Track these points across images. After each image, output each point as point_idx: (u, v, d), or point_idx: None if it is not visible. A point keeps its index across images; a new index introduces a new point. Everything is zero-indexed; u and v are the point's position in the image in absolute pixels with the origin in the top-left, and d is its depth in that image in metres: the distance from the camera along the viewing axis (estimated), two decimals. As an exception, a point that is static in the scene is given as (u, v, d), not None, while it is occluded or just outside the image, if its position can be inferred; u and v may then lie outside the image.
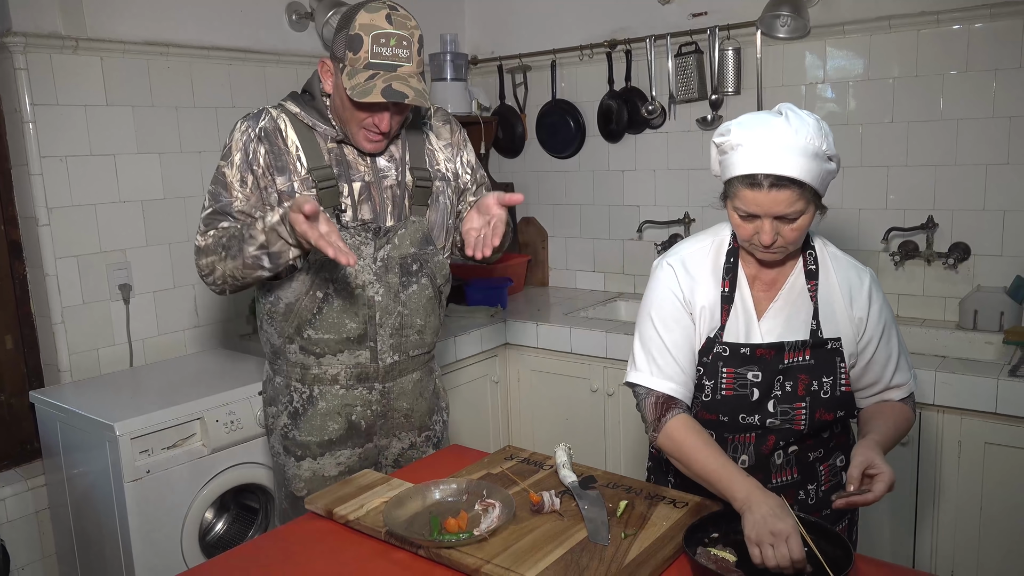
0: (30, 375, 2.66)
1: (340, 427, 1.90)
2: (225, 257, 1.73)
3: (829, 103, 2.94)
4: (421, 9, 3.75)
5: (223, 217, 1.79)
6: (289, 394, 1.91)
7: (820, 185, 1.44)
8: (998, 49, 2.58)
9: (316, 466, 1.91)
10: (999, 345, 2.55)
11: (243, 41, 2.97)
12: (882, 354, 1.58)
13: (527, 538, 1.42)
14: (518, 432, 3.26)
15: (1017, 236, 2.64)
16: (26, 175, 2.49)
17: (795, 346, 1.54)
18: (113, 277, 2.68)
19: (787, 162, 1.39)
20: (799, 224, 1.45)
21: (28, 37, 2.42)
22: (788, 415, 1.54)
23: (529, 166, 3.80)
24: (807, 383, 1.53)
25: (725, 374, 1.55)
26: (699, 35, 3.13)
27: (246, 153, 1.78)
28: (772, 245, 1.47)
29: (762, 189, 1.41)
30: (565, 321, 3.09)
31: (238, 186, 1.79)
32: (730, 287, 1.57)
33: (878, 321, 1.57)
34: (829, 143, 1.44)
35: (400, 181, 1.87)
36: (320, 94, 1.83)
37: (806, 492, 1.61)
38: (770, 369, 1.54)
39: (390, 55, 1.66)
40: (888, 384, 1.60)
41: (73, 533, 2.48)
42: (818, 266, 1.57)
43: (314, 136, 1.81)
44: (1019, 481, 2.19)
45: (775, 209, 1.42)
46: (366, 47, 1.65)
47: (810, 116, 1.45)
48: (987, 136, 2.65)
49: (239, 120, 1.83)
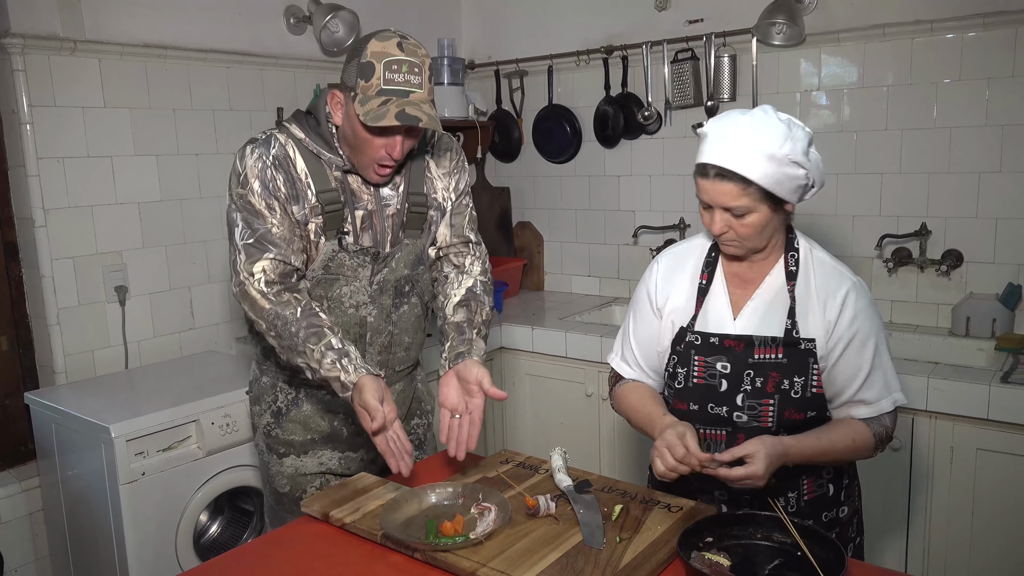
0: (25, 376, 2.65)
1: (322, 429, 1.92)
2: (275, 337, 1.72)
3: (824, 110, 2.95)
4: (419, 14, 3.78)
5: (267, 247, 1.73)
6: (274, 393, 1.92)
7: (774, 186, 1.46)
8: (991, 58, 2.60)
9: (298, 463, 1.92)
10: (991, 352, 2.57)
11: (241, 44, 2.98)
12: (849, 364, 1.55)
13: (522, 542, 1.42)
14: (513, 436, 3.26)
15: (1009, 243, 2.66)
16: (23, 176, 2.49)
17: (765, 341, 1.56)
18: (109, 279, 2.68)
19: (734, 156, 1.45)
20: (749, 221, 1.50)
21: (26, 38, 2.42)
22: (756, 410, 1.56)
23: (525, 171, 3.81)
24: (777, 380, 1.55)
25: (696, 362, 1.60)
26: (695, 42, 3.15)
27: (264, 181, 1.74)
28: (723, 236, 1.54)
29: (708, 178, 1.49)
30: (560, 325, 3.10)
31: (267, 212, 1.74)
32: (707, 280, 1.65)
33: (848, 328, 1.55)
34: (796, 149, 1.46)
35: (400, 208, 1.87)
36: (326, 120, 1.80)
37: (786, 499, 1.61)
38: (739, 361, 1.56)
39: (402, 81, 1.66)
40: (852, 397, 1.57)
41: (67, 535, 2.48)
42: (799, 268, 1.59)
43: (320, 163, 1.79)
44: (1011, 487, 2.20)
45: (720, 200, 1.49)
46: (378, 74, 1.64)
47: (783, 120, 1.48)
48: (980, 144, 2.67)
49: (248, 146, 1.78)
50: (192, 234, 2.90)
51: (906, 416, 2.33)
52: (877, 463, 2.38)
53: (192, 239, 2.90)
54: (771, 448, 1.44)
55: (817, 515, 1.61)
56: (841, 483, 1.65)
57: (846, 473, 1.67)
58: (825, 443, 1.52)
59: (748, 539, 1.41)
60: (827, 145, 2.95)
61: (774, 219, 1.53)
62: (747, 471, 1.41)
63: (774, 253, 1.61)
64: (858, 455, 1.57)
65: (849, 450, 1.55)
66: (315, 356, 1.66)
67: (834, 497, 1.64)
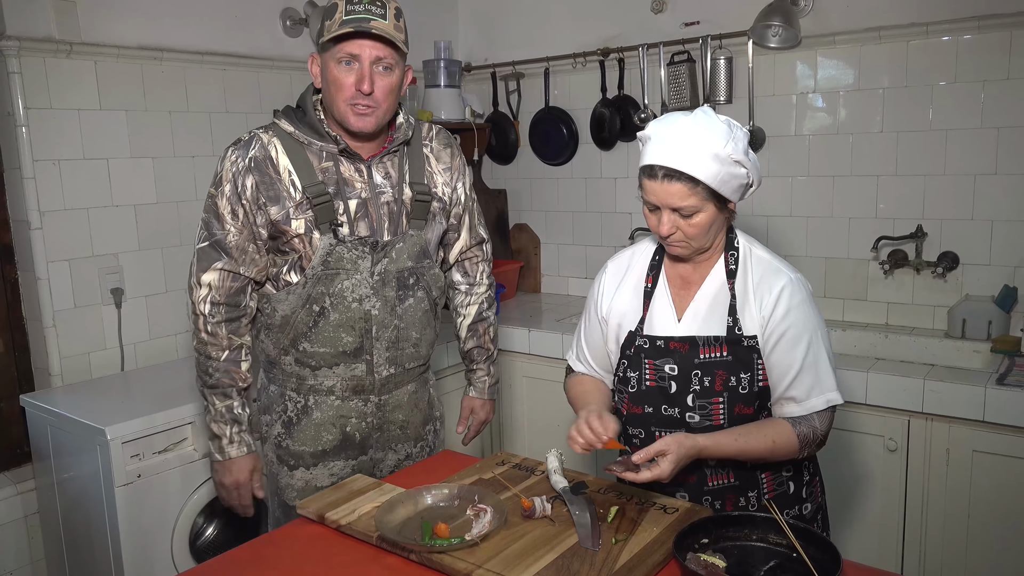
0: (21, 379, 2.65)
1: (334, 438, 1.90)
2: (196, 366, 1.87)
3: (819, 112, 2.96)
4: (415, 17, 3.77)
5: (218, 254, 1.78)
6: (283, 403, 1.91)
7: (720, 185, 1.49)
8: (986, 60, 2.61)
9: (309, 476, 1.91)
10: (987, 354, 2.57)
11: (237, 46, 2.98)
12: (780, 360, 1.56)
13: (518, 543, 1.42)
14: (510, 438, 3.26)
15: (1005, 246, 2.67)
16: (18, 179, 2.49)
17: (709, 341, 1.58)
18: (105, 281, 2.67)
19: (681, 157, 1.47)
20: (697, 221, 1.53)
21: (22, 41, 2.42)
22: (707, 410, 1.58)
23: (522, 173, 3.81)
24: (725, 378, 1.57)
25: (647, 366, 1.62)
26: (691, 44, 3.15)
27: (235, 185, 1.77)
28: (670, 237, 1.56)
29: (657, 179, 1.51)
30: (557, 327, 3.10)
31: (230, 218, 1.78)
32: (653, 282, 1.68)
33: (780, 323, 1.55)
34: (737, 148, 1.49)
35: (397, 198, 1.87)
36: (312, 108, 1.83)
37: (747, 499, 1.62)
38: (686, 363, 1.58)
39: (363, 11, 1.70)
40: (782, 394, 1.58)
41: (63, 538, 2.47)
42: (738, 266, 1.61)
43: (306, 155, 1.80)
44: (1007, 489, 2.21)
45: (669, 200, 1.51)
46: (340, 9, 1.70)
47: (724, 121, 1.51)
48: (975, 146, 2.67)
49: (230, 147, 1.82)
50: (188, 236, 2.89)
51: (902, 418, 2.33)
52: (873, 465, 2.39)
53: (188, 241, 2.88)
54: (684, 450, 1.46)
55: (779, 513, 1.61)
56: (802, 480, 1.67)
57: (806, 469, 1.68)
58: (742, 443, 1.52)
59: (743, 540, 1.42)
60: (823, 147, 2.97)
61: (719, 218, 1.56)
62: (653, 473, 1.43)
63: (716, 253, 1.63)
64: (780, 455, 1.56)
65: (768, 450, 1.54)
66: (215, 406, 1.84)
67: (795, 494, 1.65)
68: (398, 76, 1.79)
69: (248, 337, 1.88)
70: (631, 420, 1.66)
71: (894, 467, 2.36)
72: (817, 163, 2.98)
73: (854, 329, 2.89)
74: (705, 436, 1.51)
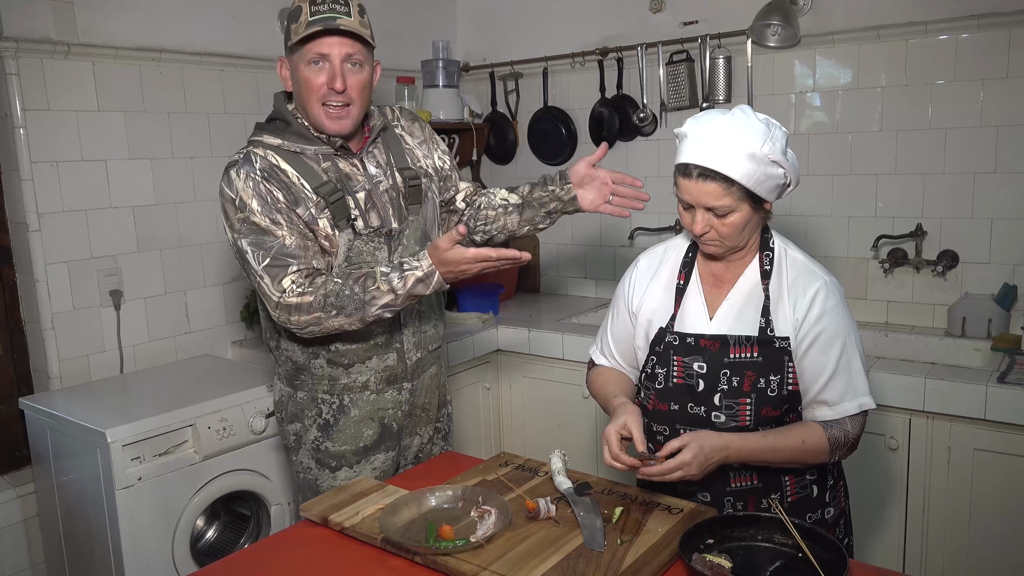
0: (19, 381, 2.64)
1: (374, 432, 1.92)
2: (337, 314, 1.72)
3: (818, 111, 2.96)
4: (413, 17, 3.78)
5: (286, 260, 1.74)
6: (317, 407, 1.91)
7: (756, 186, 1.48)
8: (985, 59, 2.61)
9: (352, 474, 1.92)
10: (987, 352, 2.57)
11: (235, 47, 2.97)
12: (813, 363, 1.55)
13: (523, 544, 1.42)
14: (510, 439, 3.26)
15: (1004, 244, 2.67)
16: (16, 180, 2.48)
17: (740, 341, 1.57)
18: (104, 283, 2.66)
19: (717, 156, 1.46)
20: (731, 220, 1.51)
21: (19, 42, 2.41)
22: (733, 410, 1.56)
23: (521, 172, 3.81)
24: (754, 379, 1.55)
25: (675, 362, 1.61)
26: (690, 43, 3.15)
27: (262, 197, 1.75)
28: (704, 236, 1.55)
29: (691, 179, 1.50)
30: (557, 327, 3.10)
31: (275, 227, 1.74)
32: (685, 280, 1.67)
33: (814, 326, 1.54)
34: (775, 148, 1.47)
35: (393, 184, 1.89)
36: (293, 117, 1.83)
37: (770, 502, 1.60)
38: (716, 361, 1.57)
39: (327, 10, 1.70)
40: (815, 398, 1.57)
41: (63, 541, 2.46)
42: (773, 266, 1.60)
43: (305, 161, 1.81)
44: (1008, 487, 2.21)
45: (704, 200, 1.50)
46: (305, 12, 1.70)
47: (762, 120, 1.49)
48: (975, 145, 2.67)
49: (230, 171, 1.78)
50: (187, 238, 2.88)
51: (903, 416, 2.33)
52: (874, 463, 2.39)
53: (187, 243, 2.88)
54: (706, 440, 1.46)
55: (801, 517, 1.60)
56: (825, 484, 1.65)
57: (831, 474, 1.67)
58: (771, 442, 1.52)
59: (749, 541, 1.41)
60: (822, 146, 2.97)
61: (754, 218, 1.55)
62: (678, 460, 1.43)
63: (750, 253, 1.62)
64: (810, 458, 1.55)
65: (799, 451, 1.53)
66: (384, 289, 1.71)
67: (819, 498, 1.64)
68: (368, 72, 1.81)
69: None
70: (656, 417, 1.64)
71: (896, 466, 2.37)
72: (817, 162, 2.98)
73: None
74: (734, 434, 1.50)
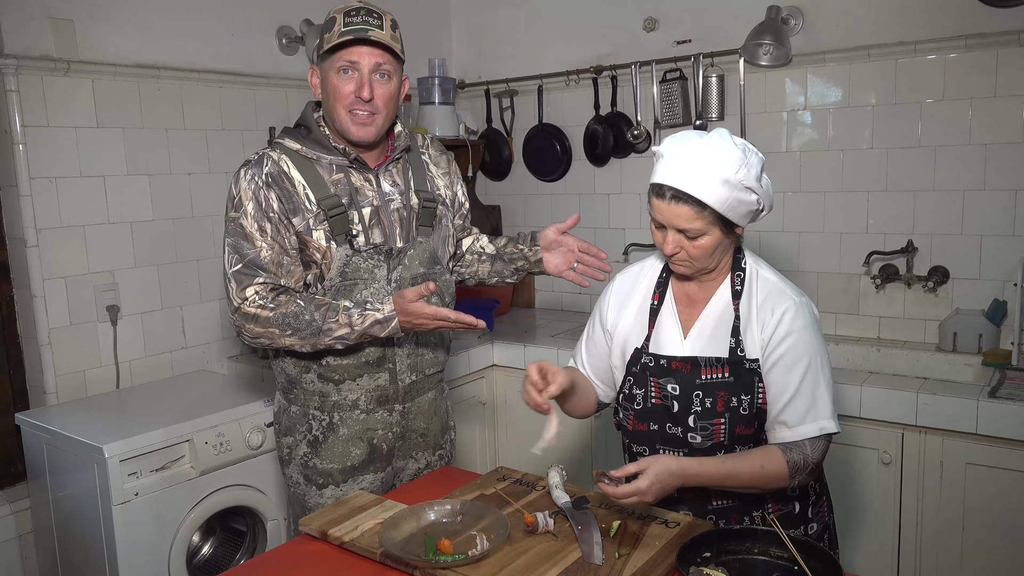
0: (15, 396, 2.63)
1: (362, 452, 1.91)
2: (291, 335, 1.76)
3: (809, 129, 3.00)
4: (409, 34, 3.80)
5: (256, 271, 1.78)
6: (307, 423, 1.92)
7: (728, 211, 1.49)
8: (973, 78, 2.66)
9: (339, 493, 1.91)
10: (978, 367, 2.60)
11: (234, 64, 3.00)
12: (775, 383, 1.55)
13: (521, 559, 1.43)
14: (505, 453, 3.26)
15: (994, 260, 2.70)
16: (15, 196, 2.49)
17: (711, 362, 1.58)
18: (101, 298, 2.67)
19: (691, 180, 1.47)
20: (702, 243, 1.53)
21: (20, 59, 2.42)
22: (708, 430, 1.57)
23: (516, 189, 3.84)
24: (726, 399, 1.56)
25: (652, 384, 1.63)
26: (683, 62, 3.19)
27: (258, 202, 1.78)
28: (675, 256, 1.57)
29: (664, 200, 1.51)
30: (552, 343, 3.11)
31: (259, 236, 1.78)
32: (659, 300, 1.68)
33: (779, 346, 1.54)
34: (749, 175, 1.48)
35: (405, 204, 1.91)
36: (316, 124, 1.86)
37: (751, 518, 1.62)
38: (688, 383, 1.58)
39: (360, 22, 1.75)
40: (775, 418, 1.56)
41: (58, 557, 2.45)
42: (744, 286, 1.62)
43: (317, 170, 1.83)
44: (1000, 501, 2.23)
45: (675, 222, 1.52)
46: (339, 23, 1.75)
47: (739, 146, 1.50)
48: (964, 162, 2.71)
49: (241, 168, 1.83)
50: (184, 253, 2.89)
51: (896, 431, 2.35)
52: (868, 478, 2.41)
53: (184, 258, 2.90)
54: (663, 467, 1.46)
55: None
56: (807, 500, 1.66)
57: (812, 490, 1.67)
58: (729, 467, 1.51)
59: (746, 554, 1.43)
60: (814, 163, 3.00)
61: (724, 241, 1.56)
62: (633, 487, 1.43)
63: (722, 273, 1.64)
64: (769, 482, 1.53)
65: (757, 475, 1.51)
66: (343, 322, 1.74)
67: (801, 515, 1.65)
68: (396, 84, 1.84)
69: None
70: (636, 437, 1.67)
71: (888, 480, 2.38)
72: (808, 179, 3.02)
73: (846, 343, 2.92)
74: (692, 459, 1.51)
